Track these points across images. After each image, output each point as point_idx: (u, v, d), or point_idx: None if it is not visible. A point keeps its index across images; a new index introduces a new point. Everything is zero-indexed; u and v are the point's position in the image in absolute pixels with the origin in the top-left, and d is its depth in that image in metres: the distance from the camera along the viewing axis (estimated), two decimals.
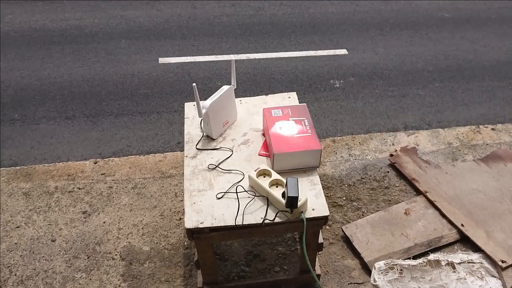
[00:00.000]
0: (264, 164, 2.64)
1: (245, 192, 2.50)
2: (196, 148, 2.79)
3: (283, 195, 2.36)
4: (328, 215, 2.42)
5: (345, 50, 6.29)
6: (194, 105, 3.14)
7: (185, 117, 3.03)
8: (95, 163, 4.27)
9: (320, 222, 2.46)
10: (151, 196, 3.91)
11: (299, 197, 2.30)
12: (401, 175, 4.15)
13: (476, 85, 5.77)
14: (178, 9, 6.98)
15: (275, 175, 2.48)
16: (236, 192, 2.50)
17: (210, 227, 2.35)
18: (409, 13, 7.14)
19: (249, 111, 3.09)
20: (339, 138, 4.65)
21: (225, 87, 2.75)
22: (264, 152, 2.74)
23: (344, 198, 3.94)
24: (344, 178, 4.14)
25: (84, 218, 3.73)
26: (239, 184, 2.55)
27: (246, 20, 6.78)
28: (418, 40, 6.56)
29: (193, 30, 6.53)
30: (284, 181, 2.43)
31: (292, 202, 2.27)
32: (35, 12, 6.87)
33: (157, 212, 3.76)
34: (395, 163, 4.23)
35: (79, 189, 3.99)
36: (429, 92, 5.63)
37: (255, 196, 2.48)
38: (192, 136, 2.89)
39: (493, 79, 5.88)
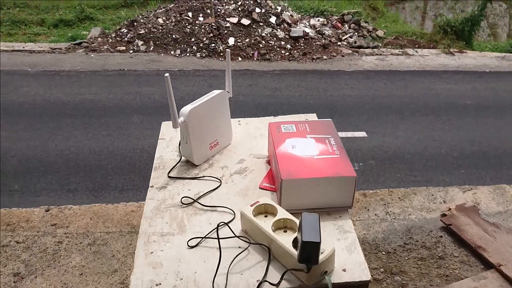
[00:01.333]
0: (267, 197, 1.71)
1: (235, 238, 1.60)
2: (168, 177, 1.92)
3: (295, 242, 1.45)
4: (370, 281, 1.52)
5: (364, 132, 6.05)
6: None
7: (159, 138, 2.20)
8: (46, 211, 3.52)
9: None
10: (113, 256, 3.14)
11: (321, 245, 1.36)
12: (460, 241, 3.27)
13: (505, 174, 5.41)
14: (194, 87, 6.92)
15: (282, 213, 1.58)
16: (218, 238, 1.59)
17: None
18: (430, 99, 6.98)
19: (250, 133, 2.22)
20: (371, 192, 3.87)
21: (215, 92, 1.96)
22: (268, 185, 1.84)
23: (381, 269, 3.14)
24: (380, 243, 3.32)
25: (14, 282, 2.92)
26: (225, 225, 1.66)
27: (263, 100, 6.66)
28: (440, 125, 6.31)
29: None
30: (297, 221, 1.52)
31: (310, 252, 1.34)
32: (51, 86, 6.86)
33: (117, 279, 2.99)
34: (451, 225, 3.38)
35: (17, 243, 3.22)
36: (455, 179, 5.26)
37: (249, 243, 1.57)
38: (165, 161, 2.02)
39: None
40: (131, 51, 7.91)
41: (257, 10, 8.41)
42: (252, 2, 8.57)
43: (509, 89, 7.40)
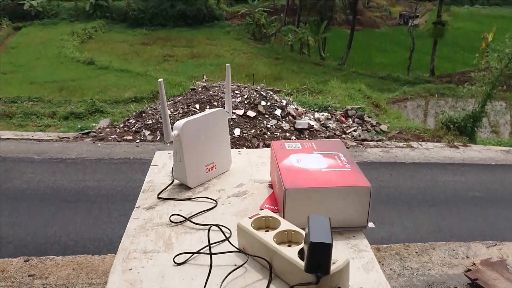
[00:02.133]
0: (268, 210, 1.47)
1: (231, 254, 1.38)
2: (158, 198, 1.72)
3: (301, 254, 1.21)
4: None
5: (371, 223, 5.85)
6: (169, 153, 2.11)
7: (151, 165, 2.02)
8: (25, 261, 3.27)
9: None
10: None
11: (332, 253, 1.12)
12: None
13: None
14: None
15: (286, 225, 1.35)
16: (211, 254, 1.35)
17: None
18: (437, 190, 6.87)
19: (252, 162, 2.01)
20: (385, 246, 3.64)
21: (214, 109, 1.81)
22: (270, 206, 1.62)
23: None
24: None
25: None
26: (220, 243, 1.43)
27: None
28: (449, 216, 6.15)
29: None
30: (303, 233, 1.28)
31: (319, 257, 1.11)
32: (56, 173, 6.86)
33: None
34: (477, 280, 3.10)
35: None
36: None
37: (247, 259, 1.35)
38: (156, 184, 1.82)
39: None
40: (137, 141, 8.01)
41: (263, 103, 8.64)
42: (257, 95, 8.83)
43: None
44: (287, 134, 8.23)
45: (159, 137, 8.03)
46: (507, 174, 7.56)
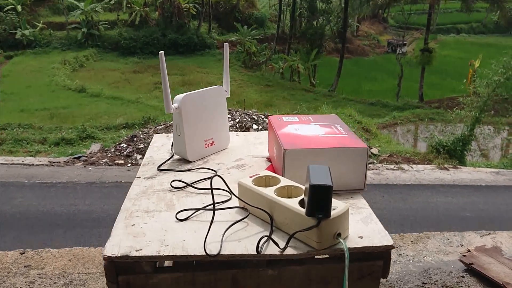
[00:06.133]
0: (268, 171, 1.51)
1: (232, 211, 1.41)
2: (158, 169, 1.74)
3: (302, 203, 1.25)
4: (393, 246, 1.29)
5: None
6: (167, 135, 2.13)
7: (150, 144, 2.06)
8: (21, 253, 3.20)
9: (376, 259, 1.29)
10: None
11: (332, 197, 1.17)
12: (485, 280, 2.93)
13: None
14: None
15: (285, 181, 1.38)
16: (214, 210, 1.39)
17: (155, 256, 1.21)
18: (429, 211, 6.88)
19: (249, 141, 2.06)
20: None
21: (213, 87, 1.85)
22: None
23: None
24: (395, 284, 2.98)
25: None
26: (222, 204, 1.46)
27: None
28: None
29: None
30: (303, 188, 1.31)
31: (320, 199, 1.14)
32: (46, 197, 6.78)
33: None
34: (472, 264, 3.08)
35: None
36: None
37: (248, 212, 1.38)
38: (155, 160, 1.84)
39: None
40: (129, 164, 7.98)
41: (254, 126, 8.69)
42: (249, 119, 8.89)
43: (508, 202, 7.34)
44: None
45: None
46: (497, 195, 7.61)
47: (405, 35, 33.81)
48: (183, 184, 1.58)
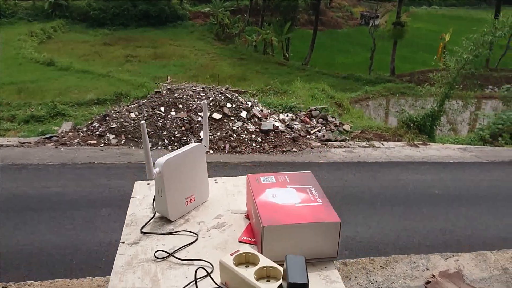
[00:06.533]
0: (247, 246, 1.66)
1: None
2: (141, 232, 1.81)
3: None
4: None
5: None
6: (148, 183, 2.23)
7: (132, 196, 2.12)
8: (4, 287, 3.27)
9: None
10: None
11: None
12: None
13: None
14: None
15: (265, 262, 1.49)
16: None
17: None
18: (399, 189, 7.08)
19: (228, 190, 2.15)
20: (352, 260, 3.83)
21: (192, 144, 1.91)
22: (248, 238, 1.78)
23: None
24: None
25: None
26: (204, 278, 1.55)
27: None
28: (412, 215, 6.35)
29: None
30: (281, 270, 1.44)
31: None
32: (17, 179, 6.69)
33: None
34: None
35: None
36: None
37: None
38: (138, 218, 1.92)
39: None
40: (102, 145, 7.89)
41: (228, 105, 8.68)
42: (223, 98, 8.86)
43: (474, 179, 7.61)
44: (253, 136, 8.30)
45: (123, 141, 7.94)
46: (464, 172, 7.87)
47: (378, 7, 33.86)
48: (166, 254, 1.66)
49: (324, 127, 9.84)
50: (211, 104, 8.65)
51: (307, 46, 27.88)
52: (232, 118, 8.51)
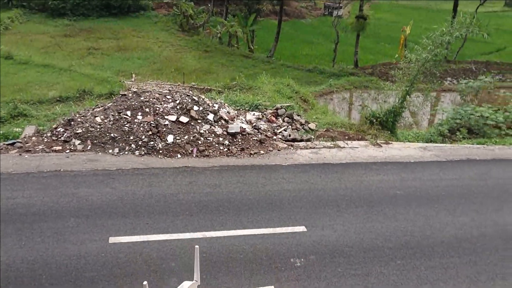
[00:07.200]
0: None
1: None
2: None
3: None
4: None
5: (303, 227, 6.20)
6: None
7: None
8: None
9: None
10: None
11: None
12: None
13: (438, 262, 5.70)
14: (133, 186, 6.85)
15: None
16: None
17: None
18: (362, 190, 7.32)
19: None
20: None
21: (186, 284, 2.08)
22: None
23: None
24: None
25: None
26: None
27: (203, 198, 6.70)
28: (374, 216, 6.60)
29: (148, 208, 6.33)
30: None
31: None
32: None
33: None
34: None
35: None
36: (392, 270, 5.49)
37: None
38: None
39: (453, 255, 5.85)
40: (67, 151, 7.79)
41: (195, 108, 8.69)
42: (190, 100, 8.86)
43: (433, 178, 7.94)
44: (220, 139, 8.36)
45: (89, 146, 7.86)
46: (424, 171, 8.18)
47: None
48: None
49: (290, 126, 9.99)
50: (178, 107, 8.66)
51: (271, 36, 27.96)
52: (199, 121, 8.55)
